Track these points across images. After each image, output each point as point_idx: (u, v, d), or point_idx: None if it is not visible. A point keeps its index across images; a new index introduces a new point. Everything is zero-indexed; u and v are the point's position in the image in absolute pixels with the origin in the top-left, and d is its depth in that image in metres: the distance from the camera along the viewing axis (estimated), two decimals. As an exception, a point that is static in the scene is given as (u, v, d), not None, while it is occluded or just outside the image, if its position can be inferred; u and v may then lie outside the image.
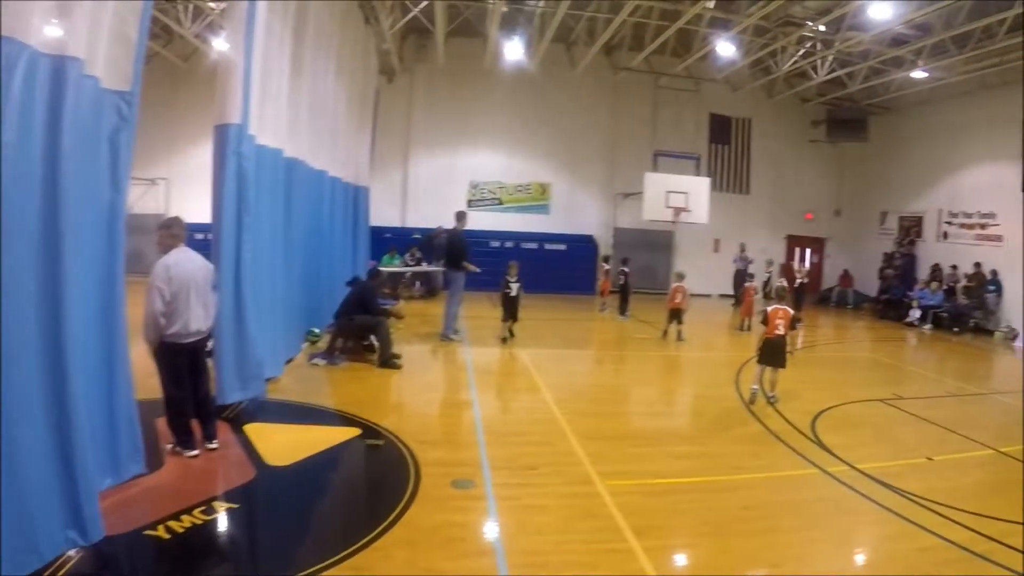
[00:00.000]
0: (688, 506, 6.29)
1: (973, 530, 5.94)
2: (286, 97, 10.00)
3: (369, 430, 7.88)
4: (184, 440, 6.82)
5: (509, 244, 23.14)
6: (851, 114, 25.14)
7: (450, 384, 10.95)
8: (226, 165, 7.83)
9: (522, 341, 13.90)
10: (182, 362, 6.69)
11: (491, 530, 5.58)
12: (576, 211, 24.74)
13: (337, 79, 13.69)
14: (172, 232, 6.75)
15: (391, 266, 20.34)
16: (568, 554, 5.23)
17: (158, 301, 6.40)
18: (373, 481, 6.88)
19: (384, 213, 22.81)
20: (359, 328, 11.43)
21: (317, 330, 12.49)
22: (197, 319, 6.66)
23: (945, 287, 21.18)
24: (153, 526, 5.31)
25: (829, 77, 21.59)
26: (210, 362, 7.48)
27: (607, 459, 7.29)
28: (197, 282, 6.66)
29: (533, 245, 23.69)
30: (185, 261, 6.65)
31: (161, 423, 6.94)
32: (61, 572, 4.56)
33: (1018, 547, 5.63)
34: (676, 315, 15.31)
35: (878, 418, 9.79)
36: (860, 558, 5.66)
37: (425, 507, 5.85)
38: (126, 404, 5.85)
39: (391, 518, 5.59)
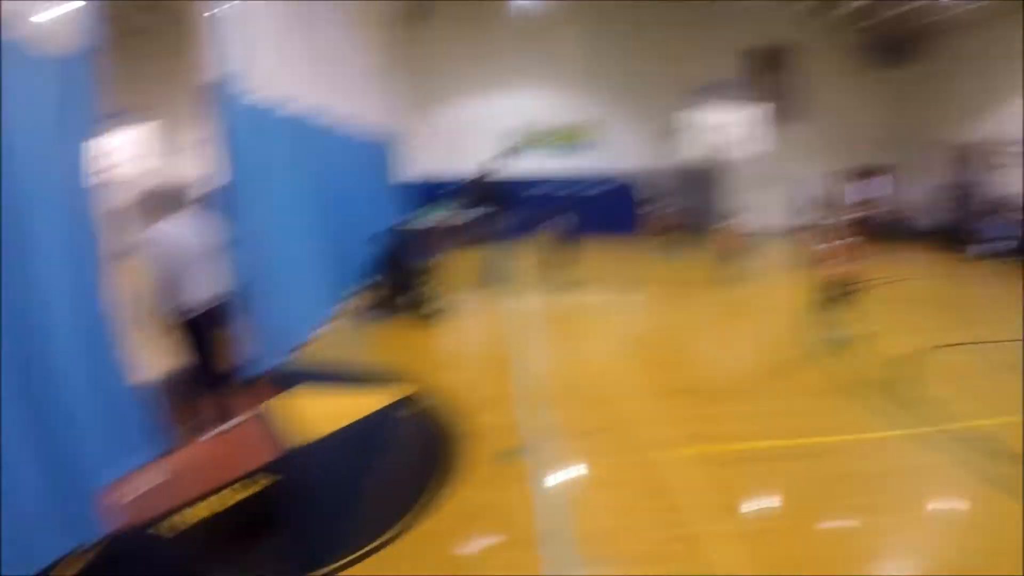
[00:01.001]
0: (768, 478, 5.41)
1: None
2: (286, 44, 9.17)
3: (410, 393, 7.21)
4: (205, 417, 6.32)
5: (552, 188, 22.02)
6: (904, 36, 23.13)
7: (500, 337, 10.15)
8: (219, 123, 7.06)
9: (576, 287, 13.07)
10: (195, 334, 6.15)
11: (541, 513, 4.82)
12: (619, 151, 23.40)
13: (350, 21, 12.84)
14: (167, 198, 6.15)
15: (432, 217, 19.66)
16: (628, 543, 4.45)
17: (160, 272, 5.87)
18: (411, 454, 6.19)
19: (422, 163, 21.90)
20: (398, 282, 10.77)
21: (354, 287, 11.90)
22: (204, 287, 6.09)
23: (1016, 218, 19.68)
24: (166, 516, 4.80)
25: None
26: (233, 330, 6.87)
27: (673, 420, 6.46)
28: (201, 248, 6.09)
29: (576, 188, 22.49)
30: (185, 227, 6.07)
31: (179, 400, 6.41)
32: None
33: None
34: (732, 254, 14.35)
35: (968, 366, 8.40)
36: (976, 546, 4.48)
37: (468, 484, 5.18)
38: (128, 388, 5.33)
39: (429, 499, 4.94)
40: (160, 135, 21.03)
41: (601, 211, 21.81)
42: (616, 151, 23.49)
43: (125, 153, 18.26)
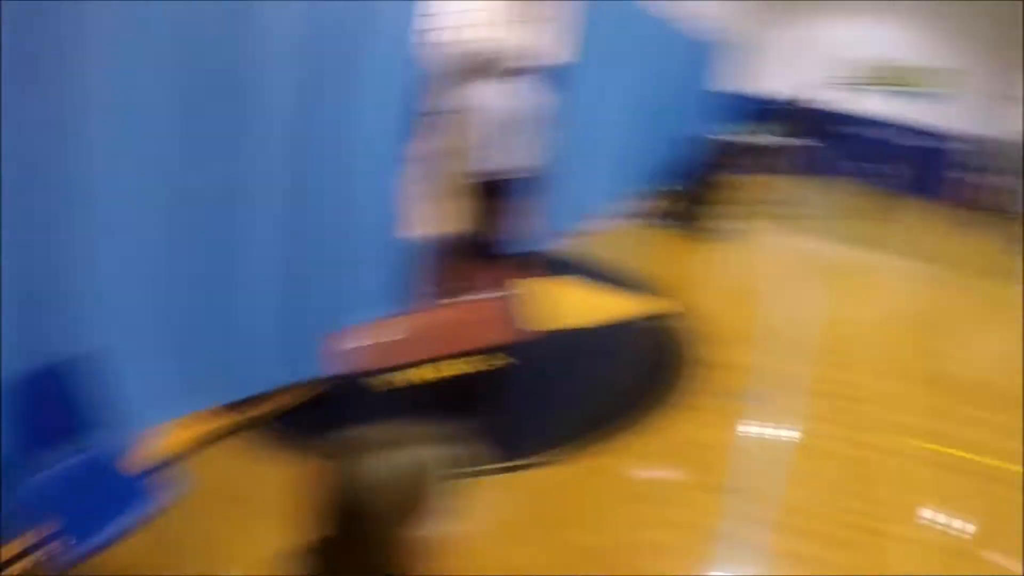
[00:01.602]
0: (987, 500, 4.79)
1: None
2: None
3: (665, 308, 7.28)
4: (464, 281, 6.59)
5: (880, 133, 18.89)
6: None
7: (768, 275, 9.86)
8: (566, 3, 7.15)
9: (866, 244, 12.18)
10: (483, 200, 6.52)
11: (739, 463, 4.87)
12: (966, 109, 19.04)
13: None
14: (490, 60, 6.37)
15: (744, 135, 18.76)
16: (810, 517, 4.32)
17: (467, 134, 6.20)
18: (640, 369, 6.23)
19: (749, 75, 19.26)
20: (691, 191, 10.64)
21: (647, 187, 11.96)
22: (505, 154, 6.33)
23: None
24: (386, 372, 5.01)
25: None
26: (518, 204, 7.19)
27: (910, 409, 5.91)
28: (511, 118, 6.29)
29: (904, 138, 18.99)
30: (501, 95, 6.28)
31: (443, 263, 6.73)
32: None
33: None
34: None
35: None
36: None
37: (682, 415, 5.24)
38: (394, 239, 5.47)
39: (639, 420, 5.09)
40: (498, 7, 21.20)
41: (914, 169, 19.42)
42: (964, 109, 19.36)
43: (462, 19, 18.99)
